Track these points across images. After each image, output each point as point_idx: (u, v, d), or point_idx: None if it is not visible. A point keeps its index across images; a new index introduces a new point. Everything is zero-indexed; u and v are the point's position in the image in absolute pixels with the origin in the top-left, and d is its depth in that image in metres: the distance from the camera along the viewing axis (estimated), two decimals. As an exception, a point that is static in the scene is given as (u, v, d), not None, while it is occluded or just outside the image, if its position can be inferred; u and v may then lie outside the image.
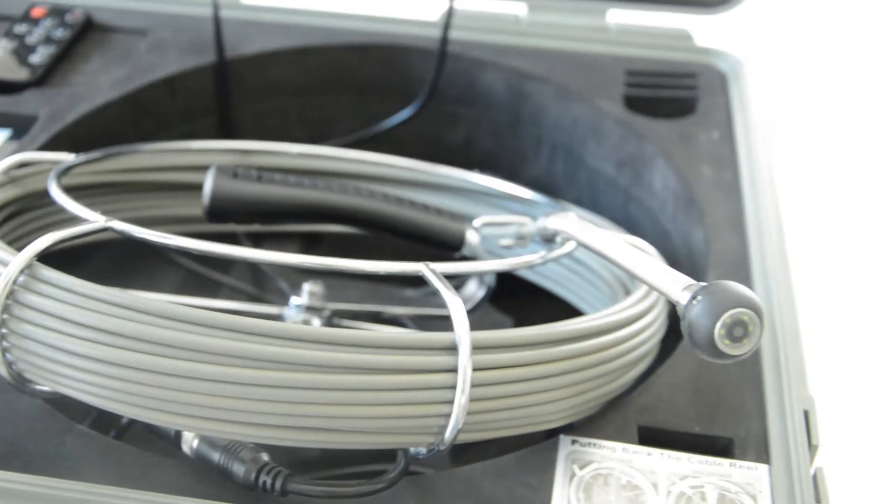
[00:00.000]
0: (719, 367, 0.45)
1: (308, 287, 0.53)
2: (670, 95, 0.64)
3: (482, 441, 0.38)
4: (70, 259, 0.43)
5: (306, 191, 0.48)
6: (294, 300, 0.53)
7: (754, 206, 0.55)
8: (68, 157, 0.50)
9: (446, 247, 0.51)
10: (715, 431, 0.42)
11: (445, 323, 0.36)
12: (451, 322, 0.35)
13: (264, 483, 0.36)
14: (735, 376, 0.44)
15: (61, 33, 0.65)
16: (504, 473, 0.39)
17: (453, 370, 0.35)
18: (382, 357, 0.34)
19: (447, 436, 0.35)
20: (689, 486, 0.39)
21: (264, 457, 0.37)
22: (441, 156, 0.63)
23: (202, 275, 0.61)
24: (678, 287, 0.34)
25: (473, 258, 0.51)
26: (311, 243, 0.65)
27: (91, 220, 0.39)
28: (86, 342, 0.34)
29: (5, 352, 0.36)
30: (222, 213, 0.47)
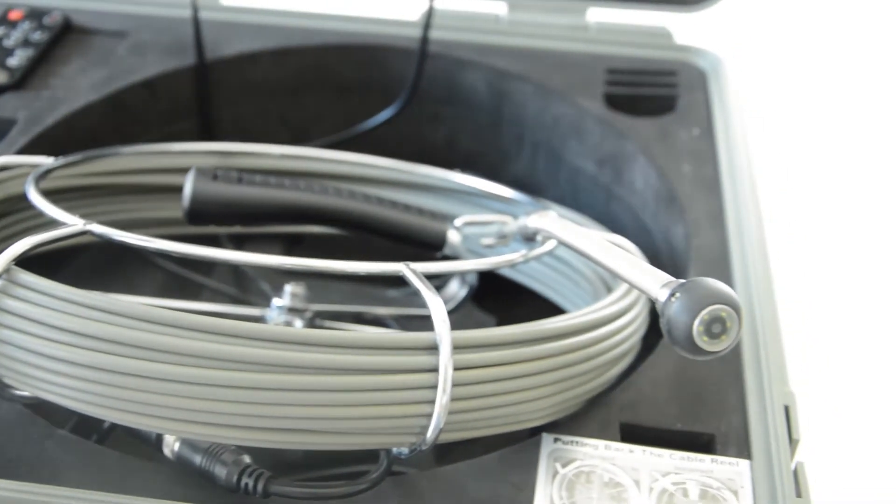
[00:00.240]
0: (700, 363, 0.45)
1: (290, 288, 0.52)
2: (650, 93, 0.64)
3: (467, 440, 0.38)
4: (50, 263, 0.43)
5: (287, 192, 0.48)
6: (276, 302, 0.52)
7: (734, 203, 0.55)
8: (47, 161, 0.50)
9: (428, 246, 0.51)
10: (696, 428, 0.42)
11: (428, 323, 0.36)
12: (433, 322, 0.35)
13: (246, 485, 0.36)
14: (716, 372, 0.45)
15: (39, 36, 0.64)
16: (487, 472, 0.39)
17: (434, 370, 0.35)
18: (363, 357, 0.34)
19: (429, 436, 0.35)
20: (671, 482, 0.39)
21: (246, 459, 0.37)
22: (423, 155, 0.63)
23: (184, 277, 0.61)
24: (657, 284, 0.34)
25: (455, 258, 0.51)
26: (293, 244, 0.65)
27: (70, 224, 0.39)
28: (65, 346, 0.34)
29: (-17, 357, 0.35)
30: (202, 215, 0.46)
